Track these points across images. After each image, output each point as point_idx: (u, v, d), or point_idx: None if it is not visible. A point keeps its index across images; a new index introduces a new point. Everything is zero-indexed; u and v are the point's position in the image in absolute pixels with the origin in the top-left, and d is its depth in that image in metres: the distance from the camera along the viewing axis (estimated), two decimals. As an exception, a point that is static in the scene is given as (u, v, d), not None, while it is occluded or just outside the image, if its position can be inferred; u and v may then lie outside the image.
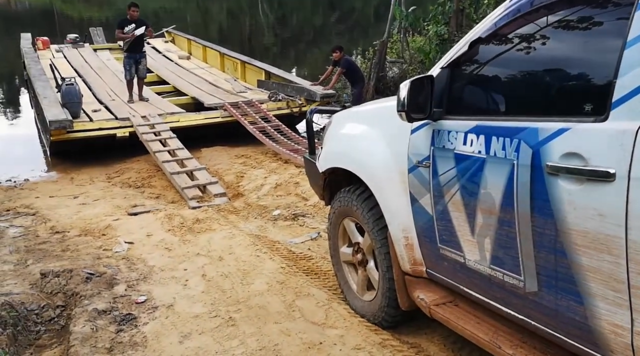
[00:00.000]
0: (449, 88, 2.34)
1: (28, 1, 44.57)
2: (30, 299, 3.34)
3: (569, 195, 1.74)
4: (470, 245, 2.21)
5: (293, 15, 33.26)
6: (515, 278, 2.01)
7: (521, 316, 2.06)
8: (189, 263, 3.99)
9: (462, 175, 2.18)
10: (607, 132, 1.64)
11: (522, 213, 1.90)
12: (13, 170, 7.45)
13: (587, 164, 1.68)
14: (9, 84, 15.85)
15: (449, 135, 2.25)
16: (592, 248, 1.70)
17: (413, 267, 2.62)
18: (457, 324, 2.37)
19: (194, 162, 6.71)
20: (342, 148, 3.10)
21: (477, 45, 2.24)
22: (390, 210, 2.65)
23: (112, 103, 8.96)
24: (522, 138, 1.89)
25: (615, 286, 1.66)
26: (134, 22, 8.78)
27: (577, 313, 1.80)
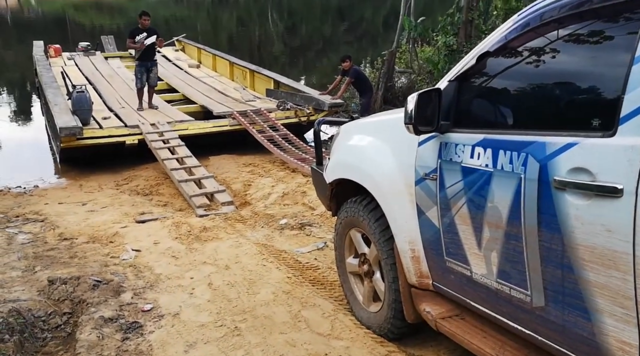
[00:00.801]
0: (457, 101, 2.34)
1: (41, 8, 45.12)
2: (37, 306, 3.36)
3: (576, 210, 1.73)
4: (477, 259, 2.20)
5: (302, 24, 33.45)
6: (522, 292, 2.01)
7: (528, 331, 2.05)
8: (196, 272, 3.99)
9: (469, 188, 2.18)
10: (615, 147, 1.63)
11: (529, 228, 1.90)
12: (23, 176, 7.52)
13: (594, 179, 1.67)
14: (21, 90, 16.02)
15: (456, 148, 2.25)
16: (599, 264, 1.69)
17: (419, 280, 2.62)
18: (464, 338, 2.36)
19: (202, 170, 6.74)
20: (349, 160, 3.10)
21: (485, 58, 2.25)
22: (396, 222, 2.65)
23: (121, 111, 9.03)
24: (530, 152, 1.89)
25: (623, 303, 1.65)
26: (145, 30, 8.86)
27: (584, 329, 1.79)
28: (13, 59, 20.97)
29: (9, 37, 27.66)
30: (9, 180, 7.35)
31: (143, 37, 8.81)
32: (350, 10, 37.41)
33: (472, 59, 2.29)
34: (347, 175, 3.04)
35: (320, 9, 39.66)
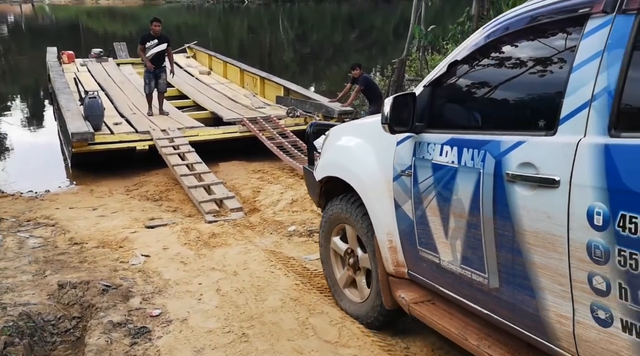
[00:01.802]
0: (430, 104, 2.58)
1: (54, 15, 45.70)
2: (47, 310, 3.38)
3: (523, 200, 1.97)
4: (445, 247, 2.43)
5: (313, 32, 33.60)
6: (481, 276, 2.24)
7: (486, 312, 2.28)
8: (204, 278, 4.00)
9: (438, 182, 2.41)
10: (555, 144, 1.88)
11: (486, 217, 2.13)
12: (35, 181, 7.59)
13: (538, 172, 1.92)
14: (34, 96, 16.21)
15: (428, 146, 2.49)
16: (541, 246, 1.92)
17: (396, 269, 2.84)
18: (432, 320, 2.60)
19: (212, 176, 6.77)
20: (337, 159, 3.33)
21: (454, 67, 2.49)
22: (376, 215, 2.86)
23: (133, 117, 9.11)
24: (487, 150, 2.14)
25: (560, 281, 1.87)
26: (156, 37, 8.94)
27: (530, 306, 2.01)
28: (27, 64, 21.24)
29: (23, 43, 28.04)
30: (21, 185, 7.43)
31: (154, 44, 8.90)
32: (361, 18, 37.55)
33: (444, 67, 2.52)
34: (335, 173, 3.27)
35: (331, 17, 39.83)
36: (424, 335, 3.13)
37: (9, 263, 4.27)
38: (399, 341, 3.12)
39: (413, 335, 3.17)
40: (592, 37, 1.84)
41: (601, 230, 1.71)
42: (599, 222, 1.71)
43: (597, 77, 1.79)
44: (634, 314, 1.66)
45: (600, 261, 1.73)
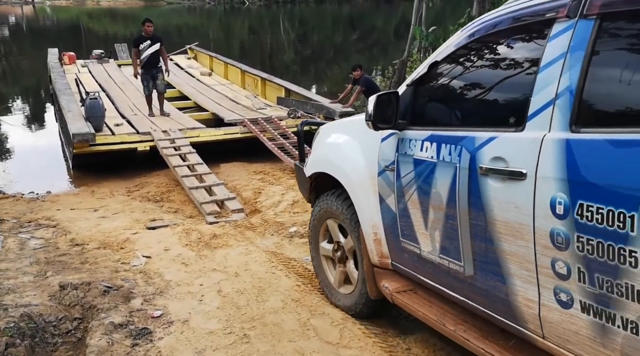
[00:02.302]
0: (412, 103, 2.71)
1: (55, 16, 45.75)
2: (48, 311, 3.38)
3: (494, 192, 2.10)
4: (425, 238, 2.56)
5: (314, 33, 33.62)
6: (457, 264, 2.36)
7: (462, 298, 2.42)
8: (205, 279, 4.00)
9: (419, 177, 2.54)
10: (523, 140, 2.01)
11: (462, 208, 2.26)
12: (36, 182, 7.60)
13: (508, 166, 2.05)
14: (35, 97, 16.23)
15: (410, 143, 2.62)
16: (510, 235, 2.05)
17: (380, 260, 2.97)
18: (413, 308, 2.73)
19: (213, 177, 6.77)
20: (326, 156, 3.47)
21: (434, 67, 2.63)
22: (362, 209, 2.99)
23: (134, 118, 9.11)
24: (463, 145, 2.27)
25: (527, 267, 2.00)
26: (149, 38, 8.94)
27: (501, 291, 2.15)
28: (28, 65, 21.27)
29: (24, 44, 28.07)
30: (22, 186, 7.44)
31: (147, 45, 8.89)
32: (362, 19, 37.56)
33: (425, 67, 2.66)
34: (324, 169, 3.39)
35: (332, 18, 39.85)
36: (425, 337, 3.13)
37: (10, 264, 4.27)
38: (400, 342, 3.11)
39: (414, 336, 3.17)
40: (557, 39, 1.97)
41: (562, 219, 1.84)
42: (561, 211, 1.84)
43: (561, 77, 1.92)
44: (591, 296, 1.79)
45: (561, 247, 1.86)
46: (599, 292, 1.77)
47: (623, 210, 1.65)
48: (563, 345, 1.94)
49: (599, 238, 1.73)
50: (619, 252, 1.68)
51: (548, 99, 1.95)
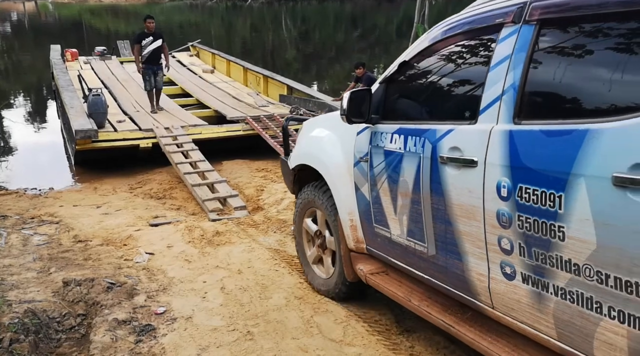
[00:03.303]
0: (384, 99, 2.94)
1: (58, 13, 45.73)
2: (52, 307, 3.38)
3: (452, 179, 2.34)
4: (394, 223, 2.79)
5: (316, 31, 33.57)
6: (422, 245, 2.60)
7: (427, 277, 2.65)
8: (208, 276, 4.01)
9: (389, 166, 2.76)
10: (475, 131, 2.24)
11: (425, 194, 2.50)
12: (38, 178, 7.61)
13: (462, 155, 2.28)
14: (37, 93, 16.23)
15: (381, 135, 2.84)
16: (465, 217, 2.28)
17: (356, 244, 3.19)
18: (384, 287, 2.96)
19: (215, 175, 6.77)
20: (308, 149, 3.66)
21: (403, 67, 2.85)
22: (340, 198, 3.22)
23: (136, 115, 9.12)
24: (426, 137, 2.51)
25: (479, 244, 2.24)
26: (150, 34, 9.05)
27: (458, 268, 2.38)
28: (30, 62, 21.27)
29: (26, 41, 28.06)
30: (25, 182, 7.44)
31: (149, 41, 8.99)
32: (364, 17, 37.51)
33: (395, 66, 2.87)
34: (306, 161, 3.61)
35: (334, 16, 39.80)
36: (428, 334, 3.13)
37: (14, 260, 4.27)
38: (403, 340, 3.11)
39: (418, 334, 3.17)
40: (504, 42, 2.21)
41: (506, 200, 2.07)
42: (505, 193, 2.08)
43: (507, 75, 2.16)
44: (529, 268, 2.03)
45: (505, 226, 2.09)
46: (536, 264, 2.00)
47: (553, 191, 1.88)
48: (508, 313, 2.18)
49: (535, 216, 1.96)
50: (550, 228, 1.91)
51: (496, 95, 2.18)
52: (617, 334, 1.76)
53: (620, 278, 1.72)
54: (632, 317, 1.71)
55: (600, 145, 1.76)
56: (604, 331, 1.80)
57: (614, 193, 1.70)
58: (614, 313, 1.75)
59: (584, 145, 1.79)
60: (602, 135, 1.76)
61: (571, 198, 1.82)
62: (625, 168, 1.67)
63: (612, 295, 1.75)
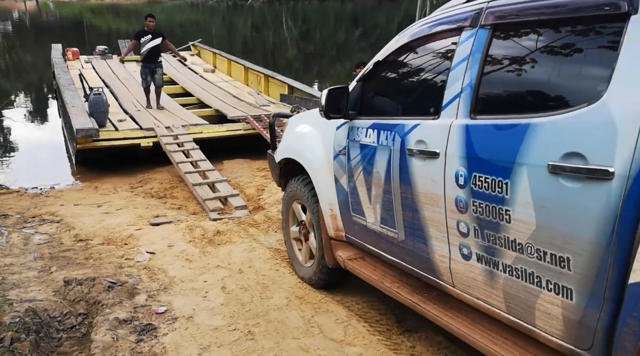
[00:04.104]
0: (361, 96, 3.14)
1: (58, 12, 45.73)
2: (53, 306, 3.38)
3: (418, 169, 2.56)
4: (369, 211, 3.00)
5: (317, 30, 33.55)
6: (393, 231, 2.82)
7: (397, 260, 2.87)
8: (209, 275, 4.00)
9: (364, 159, 2.97)
10: (438, 126, 2.45)
11: (395, 184, 2.72)
12: (39, 177, 7.60)
13: (427, 147, 2.49)
14: (38, 92, 16.23)
15: (357, 130, 3.05)
16: (429, 204, 2.50)
17: (336, 233, 3.39)
18: (360, 271, 3.19)
19: (216, 174, 6.76)
20: (292, 144, 3.86)
21: (377, 66, 3.06)
22: (321, 189, 3.42)
23: (137, 114, 9.11)
24: (396, 131, 2.72)
25: (441, 229, 2.45)
26: (150, 32, 9.17)
27: (424, 251, 2.60)
28: (31, 61, 21.27)
29: (27, 40, 28.07)
30: (26, 181, 7.44)
31: (148, 39, 9.11)
32: (365, 16, 37.48)
33: (370, 65, 3.08)
34: (291, 155, 3.81)
35: (335, 16, 39.77)
36: (430, 334, 3.13)
37: (15, 259, 4.27)
38: (404, 340, 3.11)
39: (419, 334, 3.17)
40: (464, 44, 2.41)
41: (463, 188, 2.28)
42: (462, 181, 2.29)
43: (465, 75, 2.37)
44: (482, 248, 2.24)
45: (463, 211, 2.30)
46: (487, 245, 2.21)
47: (501, 179, 2.09)
48: (466, 290, 2.41)
49: (487, 201, 2.17)
50: (499, 212, 2.12)
51: (456, 93, 2.40)
52: (553, 304, 1.98)
53: (554, 254, 1.93)
54: (565, 288, 1.92)
55: (538, 137, 1.97)
56: (543, 303, 2.02)
57: (549, 179, 1.91)
58: (551, 285, 1.97)
59: (525, 138, 2.01)
60: (540, 128, 1.97)
61: (515, 185, 2.04)
62: (557, 157, 1.88)
63: (548, 270, 1.97)
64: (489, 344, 2.28)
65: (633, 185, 1.68)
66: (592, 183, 1.79)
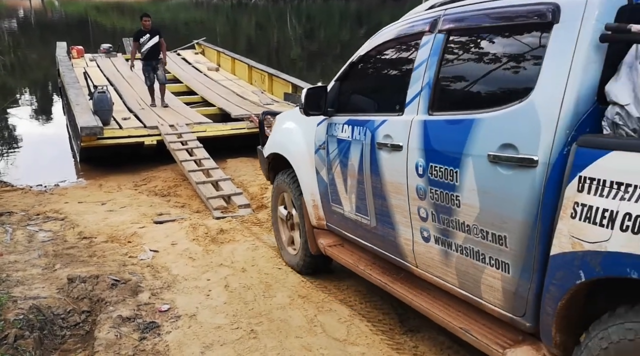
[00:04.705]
0: (338, 94, 3.42)
1: (64, 10, 45.82)
2: (57, 303, 3.40)
3: (385, 161, 2.81)
4: (346, 201, 3.26)
5: (321, 29, 33.52)
6: (366, 219, 3.08)
7: (370, 245, 3.15)
8: (212, 274, 4.01)
9: (341, 152, 3.23)
10: (401, 121, 2.71)
11: (367, 175, 2.98)
12: (44, 175, 7.63)
13: (392, 141, 2.74)
14: (43, 90, 16.28)
15: (335, 126, 3.31)
16: (395, 192, 2.76)
17: (318, 222, 3.66)
18: (339, 256, 3.46)
19: (220, 172, 6.77)
20: (279, 139, 4.09)
21: (352, 67, 3.35)
22: (304, 181, 3.67)
23: (141, 112, 9.13)
24: (367, 127, 2.98)
25: (405, 214, 2.71)
26: (147, 32, 9.32)
27: (392, 236, 2.86)
28: (36, 59, 21.33)
29: (32, 38, 28.14)
30: (31, 179, 7.47)
31: (147, 39, 9.26)
32: (369, 15, 37.42)
33: (347, 66, 3.36)
34: (277, 150, 4.03)
35: (339, 14, 39.73)
36: (432, 334, 3.13)
37: (19, 256, 4.29)
38: (407, 340, 3.11)
39: (422, 334, 3.16)
40: (424, 47, 2.68)
41: (422, 177, 2.54)
42: (421, 171, 2.54)
43: (424, 75, 2.63)
44: (439, 231, 2.50)
45: (422, 197, 2.55)
46: (443, 227, 2.47)
47: (452, 168, 2.34)
48: (427, 269, 2.67)
49: (441, 188, 2.42)
50: (451, 197, 2.37)
51: (417, 91, 2.65)
52: (495, 278, 2.24)
53: (495, 234, 2.19)
54: (503, 263, 2.18)
55: (480, 131, 2.23)
56: (487, 277, 2.28)
57: (489, 168, 2.17)
58: (492, 261, 2.23)
59: (471, 131, 2.26)
60: (482, 123, 2.23)
61: (463, 173, 2.29)
62: (495, 148, 2.14)
63: (490, 248, 2.22)
64: (446, 317, 2.56)
65: (552, 171, 1.94)
66: (521, 171, 2.04)
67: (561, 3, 2.03)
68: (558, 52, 2.00)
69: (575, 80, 1.93)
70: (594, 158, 1.78)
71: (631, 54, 1.87)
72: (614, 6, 1.92)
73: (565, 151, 1.91)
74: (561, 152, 1.92)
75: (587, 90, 1.92)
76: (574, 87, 1.93)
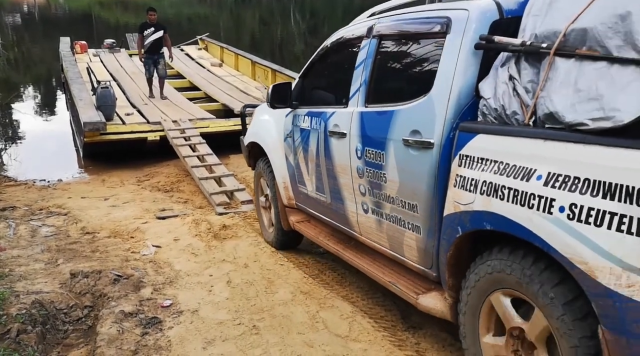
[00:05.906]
0: (301, 89, 3.89)
1: (67, 5, 45.84)
2: (59, 298, 3.40)
3: (335, 146, 3.29)
4: (308, 182, 3.72)
5: (325, 24, 33.40)
6: (323, 196, 3.56)
7: (328, 219, 3.62)
8: (215, 269, 4.01)
9: (303, 140, 3.70)
10: (345, 112, 3.18)
11: (321, 159, 3.46)
12: (47, 170, 7.64)
13: (339, 129, 3.21)
14: (46, 85, 16.29)
15: (298, 117, 3.78)
16: (342, 172, 3.24)
17: (289, 201, 4.10)
18: (305, 231, 3.90)
19: (222, 168, 6.77)
20: (256, 129, 4.54)
21: (312, 65, 3.86)
22: (276, 166, 4.13)
23: (144, 108, 9.12)
24: (321, 117, 3.45)
25: (350, 191, 3.19)
26: (152, 25, 9.46)
27: (342, 210, 3.34)
28: (40, 54, 21.35)
29: (36, 33, 28.15)
30: (34, 174, 7.48)
31: (151, 32, 9.39)
32: (373, 11, 37.21)
33: (309, 64, 3.85)
34: (255, 139, 4.48)
35: (343, 9, 39.59)
36: (435, 331, 3.12)
37: (22, 251, 4.30)
38: (409, 336, 3.10)
39: (424, 330, 3.16)
40: (363, 50, 3.15)
41: (360, 159, 3.01)
42: (359, 154, 3.01)
43: (363, 73, 3.10)
44: (374, 203, 2.98)
45: (361, 176, 3.03)
46: (376, 200, 2.94)
47: (380, 150, 2.83)
48: (367, 236, 3.16)
49: (373, 168, 2.90)
50: (380, 175, 2.86)
51: (357, 87, 3.12)
52: (411, 239, 2.73)
53: (410, 203, 2.67)
54: (416, 227, 2.66)
55: (398, 120, 2.73)
56: (406, 239, 2.77)
57: (404, 149, 2.66)
58: (409, 226, 2.71)
59: (391, 120, 2.76)
60: (399, 113, 2.73)
61: (387, 155, 2.77)
62: (407, 134, 2.63)
63: (407, 214, 2.71)
64: (379, 274, 3.05)
65: (443, 151, 2.45)
66: (424, 151, 2.54)
67: (452, 17, 2.53)
68: (448, 57, 2.51)
69: (458, 79, 2.43)
70: (467, 140, 2.31)
71: (499, 59, 2.34)
72: (489, 20, 2.40)
73: (451, 135, 2.42)
74: (448, 136, 2.43)
75: (467, 88, 2.42)
76: (457, 85, 2.43)
